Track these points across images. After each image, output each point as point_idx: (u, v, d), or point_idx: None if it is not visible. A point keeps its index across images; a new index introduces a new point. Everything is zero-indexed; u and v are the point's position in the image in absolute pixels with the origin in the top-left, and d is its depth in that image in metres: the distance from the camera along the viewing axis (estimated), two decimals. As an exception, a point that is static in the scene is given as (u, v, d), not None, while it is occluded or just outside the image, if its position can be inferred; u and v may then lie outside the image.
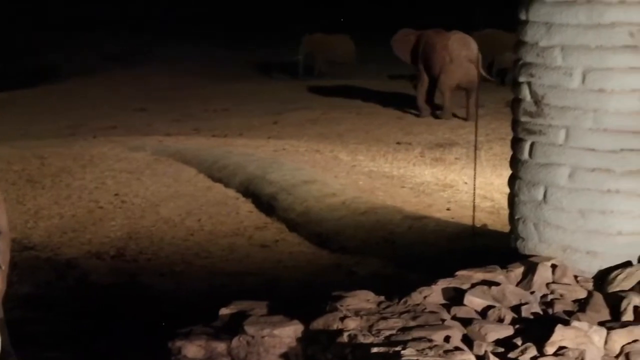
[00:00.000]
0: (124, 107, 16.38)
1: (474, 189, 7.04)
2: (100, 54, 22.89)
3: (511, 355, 3.84)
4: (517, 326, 4.11)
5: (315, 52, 20.24)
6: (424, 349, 3.80)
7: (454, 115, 14.46)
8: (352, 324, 4.15)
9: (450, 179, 9.48)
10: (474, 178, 7.04)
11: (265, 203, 8.58)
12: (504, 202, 5.84)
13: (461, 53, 14.39)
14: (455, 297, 4.39)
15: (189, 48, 23.17)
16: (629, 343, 4.05)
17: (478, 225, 6.90)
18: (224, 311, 4.58)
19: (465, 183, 9.19)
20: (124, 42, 24.05)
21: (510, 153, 5.17)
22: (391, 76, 18.76)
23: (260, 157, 10.28)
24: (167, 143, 11.76)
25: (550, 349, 3.84)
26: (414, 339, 3.92)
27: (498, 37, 17.65)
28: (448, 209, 8.01)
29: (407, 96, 15.75)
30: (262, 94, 17.78)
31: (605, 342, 4.03)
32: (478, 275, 4.54)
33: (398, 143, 12.21)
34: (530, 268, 4.61)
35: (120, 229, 8.14)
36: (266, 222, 8.20)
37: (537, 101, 4.89)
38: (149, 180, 9.67)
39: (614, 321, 4.24)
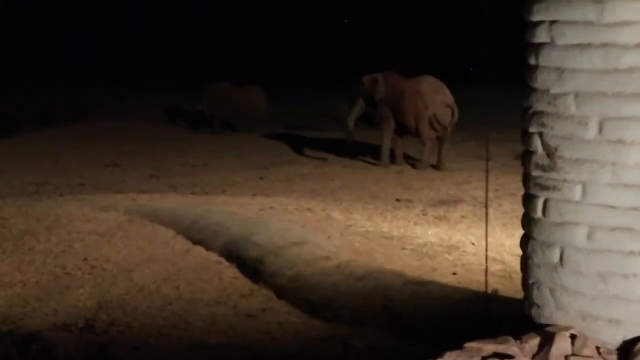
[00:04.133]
0: (93, 162, 16.43)
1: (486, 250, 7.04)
2: (61, 102, 23.19)
3: None
4: (533, 404, 4.09)
5: (220, 103, 20.53)
6: None
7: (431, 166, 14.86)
8: (349, 402, 4.13)
9: (456, 240, 9.51)
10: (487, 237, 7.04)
11: (251, 267, 8.57)
12: (515, 265, 5.86)
13: (436, 98, 14.78)
14: (463, 372, 4.38)
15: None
16: (657, 421, 4.03)
17: (488, 291, 6.90)
18: (206, 389, 4.55)
19: (473, 244, 9.22)
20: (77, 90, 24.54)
21: (522, 211, 5.20)
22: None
23: (245, 216, 10.29)
24: (141, 202, 11.76)
25: None
26: (418, 419, 3.89)
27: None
28: (454, 273, 8.02)
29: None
30: (244, 147, 17.88)
31: (631, 421, 4.01)
32: (489, 347, 4.53)
33: (397, 200, 12.25)
34: (547, 338, 4.61)
35: (90, 298, 8.10)
36: (252, 289, 8.18)
37: (549, 153, 4.93)
38: (121, 243, 9.66)
39: (640, 397, 4.22)
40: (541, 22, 4.94)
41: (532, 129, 5.04)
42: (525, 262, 5.12)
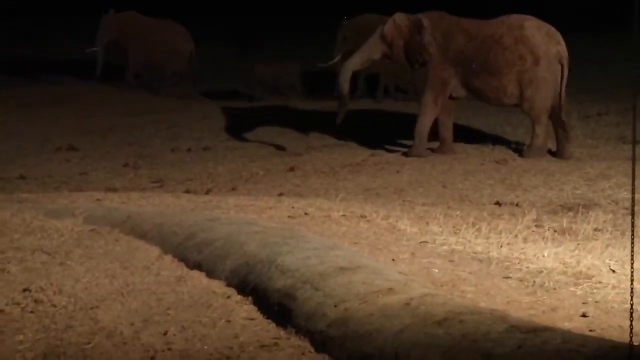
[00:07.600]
0: (38, 144, 16.53)
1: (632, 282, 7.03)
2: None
3: None
4: None
5: (134, 42, 20.32)
6: None
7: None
8: None
9: (587, 265, 9.48)
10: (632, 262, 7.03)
11: (276, 304, 8.58)
12: (679, 304, 5.83)
13: (550, 49, 14.64)
14: None
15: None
16: None
17: (636, 343, 6.88)
18: None
19: (613, 271, 9.18)
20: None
21: (690, 221, 5.18)
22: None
23: (267, 227, 10.31)
24: (110, 204, 11.80)
25: None
26: None
27: None
28: (584, 315, 8.00)
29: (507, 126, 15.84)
30: (265, 121, 17.91)
31: None
32: None
33: (498, 204, 12.25)
34: None
35: (33, 348, 8.14)
36: (277, 336, 8.19)
37: None
38: (80, 266, 9.70)
39: None
40: None
41: None
42: (695, 300, 5.11)
